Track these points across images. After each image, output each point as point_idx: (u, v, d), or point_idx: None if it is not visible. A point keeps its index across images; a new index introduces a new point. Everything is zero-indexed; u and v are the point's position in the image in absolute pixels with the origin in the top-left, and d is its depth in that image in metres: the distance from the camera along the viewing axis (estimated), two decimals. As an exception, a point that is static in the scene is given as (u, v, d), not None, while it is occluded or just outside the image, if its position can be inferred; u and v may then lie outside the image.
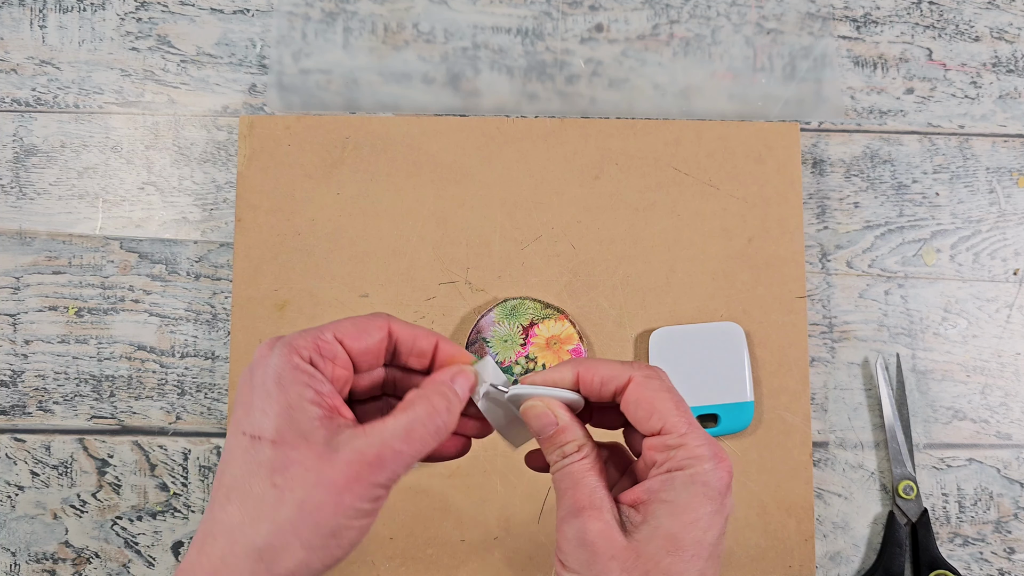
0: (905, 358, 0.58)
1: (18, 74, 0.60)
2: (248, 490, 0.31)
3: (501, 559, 0.55)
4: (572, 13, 0.61)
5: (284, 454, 0.31)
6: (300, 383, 0.32)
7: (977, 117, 0.60)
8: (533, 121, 0.59)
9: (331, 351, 0.33)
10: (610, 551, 0.32)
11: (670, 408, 0.33)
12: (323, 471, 0.31)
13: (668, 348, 0.56)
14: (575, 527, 0.33)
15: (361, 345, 0.34)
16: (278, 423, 0.31)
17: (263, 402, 0.32)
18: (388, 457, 0.31)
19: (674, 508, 0.32)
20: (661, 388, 0.34)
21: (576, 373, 0.35)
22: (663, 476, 0.33)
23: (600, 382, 0.35)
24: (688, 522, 0.32)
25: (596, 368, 0.35)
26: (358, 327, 0.34)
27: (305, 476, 0.31)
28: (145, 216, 0.59)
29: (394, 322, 0.36)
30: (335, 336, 0.34)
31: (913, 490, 0.56)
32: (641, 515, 0.33)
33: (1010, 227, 0.59)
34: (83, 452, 0.57)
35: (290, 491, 0.31)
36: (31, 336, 0.58)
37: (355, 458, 0.31)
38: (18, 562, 0.56)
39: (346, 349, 0.34)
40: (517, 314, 0.56)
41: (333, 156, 0.58)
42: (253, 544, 0.31)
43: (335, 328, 0.34)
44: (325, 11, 0.61)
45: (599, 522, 0.32)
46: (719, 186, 0.58)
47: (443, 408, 0.33)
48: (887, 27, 0.61)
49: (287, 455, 0.31)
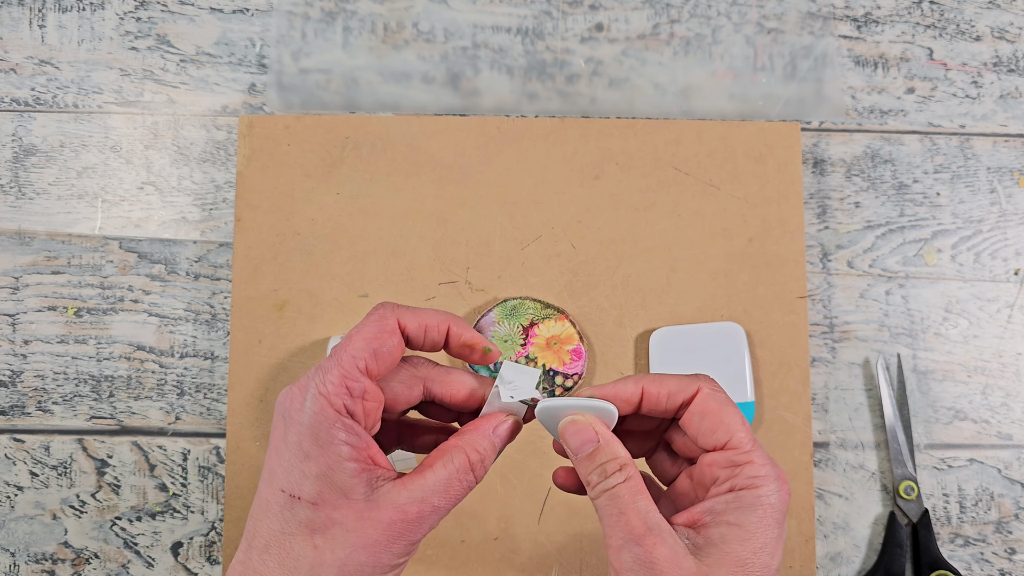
0: (906, 358, 0.58)
1: (17, 74, 0.60)
2: (288, 548, 0.31)
3: (501, 559, 0.55)
4: (572, 12, 0.61)
5: (325, 515, 0.31)
6: (338, 441, 0.31)
7: (978, 117, 0.60)
8: (533, 121, 0.59)
9: (360, 389, 0.32)
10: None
11: (737, 423, 0.33)
12: (364, 532, 0.31)
13: (668, 348, 0.56)
14: (636, 555, 0.31)
15: (383, 366, 0.33)
16: (318, 484, 0.31)
17: (301, 462, 0.32)
18: (427, 514, 0.32)
19: (743, 532, 0.31)
20: (727, 402, 0.33)
21: (641, 387, 0.34)
22: (728, 496, 0.32)
23: (667, 395, 0.34)
24: (757, 547, 0.31)
25: (663, 382, 0.34)
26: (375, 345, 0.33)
27: (346, 537, 0.31)
28: (144, 216, 0.59)
29: (402, 315, 0.34)
30: (357, 367, 0.32)
31: (914, 490, 0.56)
32: (703, 537, 0.31)
33: (1011, 227, 0.59)
34: (82, 452, 0.57)
35: (331, 552, 0.31)
36: (30, 336, 0.57)
37: (397, 517, 0.31)
38: (17, 563, 0.56)
39: (371, 376, 0.33)
40: (517, 314, 0.56)
41: (333, 156, 0.58)
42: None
43: (355, 358, 0.32)
44: (325, 10, 0.60)
45: (664, 548, 0.31)
46: (720, 186, 0.58)
47: (478, 462, 0.33)
48: (888, 27, 0.61)
49: (328, 516, 0.31)
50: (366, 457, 0.32)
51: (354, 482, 0.31)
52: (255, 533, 0.32)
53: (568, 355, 0.56)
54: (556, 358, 0.56)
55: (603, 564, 0.55)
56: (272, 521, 0.32)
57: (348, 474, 0.31)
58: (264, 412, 0.56)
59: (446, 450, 0.33)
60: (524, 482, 0.55)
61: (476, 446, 0.33)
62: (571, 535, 0.55)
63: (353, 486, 0.31)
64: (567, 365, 0.56)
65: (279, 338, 0.56)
